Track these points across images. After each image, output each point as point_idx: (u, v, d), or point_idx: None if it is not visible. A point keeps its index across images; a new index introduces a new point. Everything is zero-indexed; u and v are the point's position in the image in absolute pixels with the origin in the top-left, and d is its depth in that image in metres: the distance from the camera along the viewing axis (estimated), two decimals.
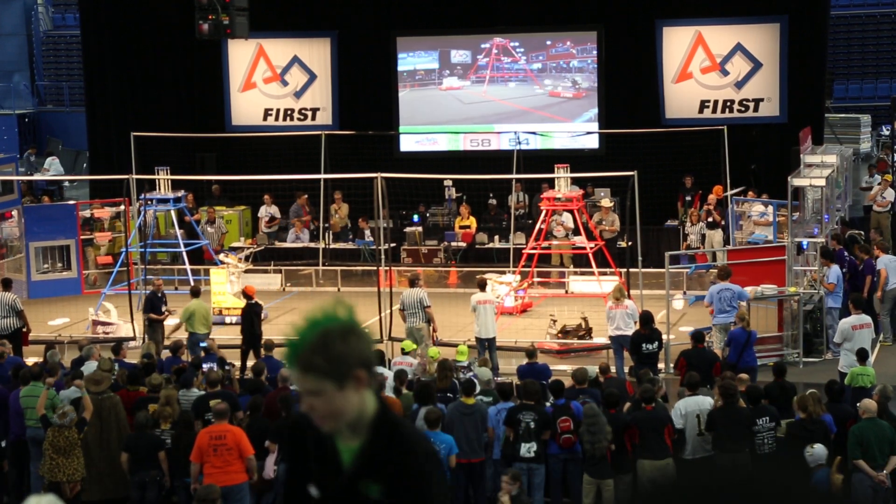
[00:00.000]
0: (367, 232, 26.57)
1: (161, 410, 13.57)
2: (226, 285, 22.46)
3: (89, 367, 15.69)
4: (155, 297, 20.11)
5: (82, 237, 25.07)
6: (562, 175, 22.07)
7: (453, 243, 26.68)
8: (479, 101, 29.00)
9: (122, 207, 24.90)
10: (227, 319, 22.38)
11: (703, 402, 13.72)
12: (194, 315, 19.28)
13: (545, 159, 25.58)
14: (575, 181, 24.03)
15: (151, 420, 13.60)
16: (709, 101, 27.74)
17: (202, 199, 28.00)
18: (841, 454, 12.99)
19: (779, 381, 14.64)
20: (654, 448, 13.26)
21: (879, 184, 26.86)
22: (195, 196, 27.30)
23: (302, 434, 3.75)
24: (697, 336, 16.34)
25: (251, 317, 19.22)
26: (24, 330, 19.59)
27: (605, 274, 22.14)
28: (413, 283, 19.36)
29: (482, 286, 19.04)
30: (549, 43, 28.61)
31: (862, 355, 15.57)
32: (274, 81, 29.86)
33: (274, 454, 13.47)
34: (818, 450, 12.49)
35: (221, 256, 23.49)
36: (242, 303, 22.47)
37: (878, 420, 12.96)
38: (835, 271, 19.44)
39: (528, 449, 13.42)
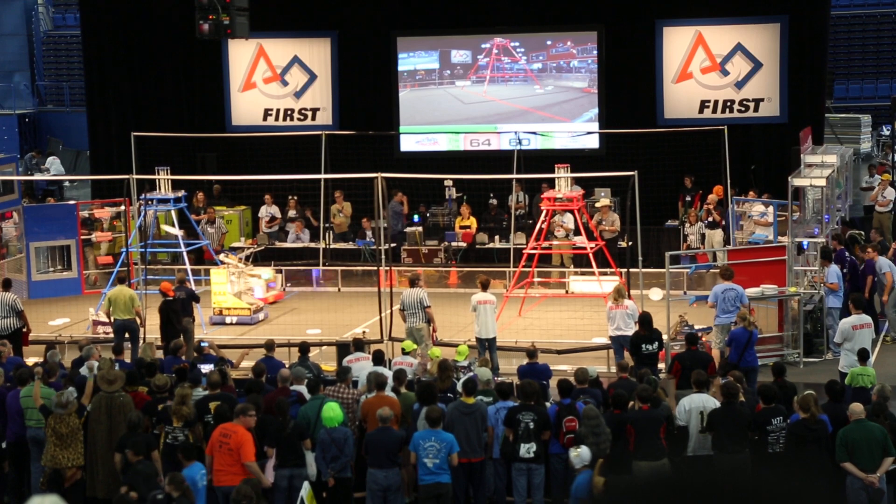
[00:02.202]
0: (369, 232, 26.58)
1: (178, 409, 13.61)
2: (226, 285, 22.47)
3: (89, 367, 15.69)
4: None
5: (82, 237, 25.07)
6: (562, 175, 22.07)
7: (454, 243, 26.68)
8: (479, 101, 29.01)
9: (123, 207, 24.91)
10: (228, 319, 22.42)
11: (708, 400, 13.72)
12: (114, 301, 19.57)
13: (545, 159, 25.59)
14: (578, 182, 24.05)
15: (143, 420, 13.65)
16: (709, 101, 27.75)
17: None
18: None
19: (778, 381, 14.62)
20: (651, 448, 13.23)
21: (879, 184, 26.88)
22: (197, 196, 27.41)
23: None
24: (691, 338, 16.30)
25: (168, 314, 19.28)
26: (25, 330, 19.57)
27: (605, 274, 22.13)
28: (413, 283, 19.35)
29: (484, 286, 19.02)
30: (549, 43, 28.61)
31: (862, 355, 15.56)
32: (274, 81, 29.87)
33: (272, 459, 13.44)
34: (583, 451, 12.50)
35: (222, 256, 23.51)
36: (243, 303, 22.58)
37: (867, 422, 12.94)
38: (833, 271, 19.44)
39: (527, 449, 13.41)
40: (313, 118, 29.67)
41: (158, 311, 19.42)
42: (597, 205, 25.79)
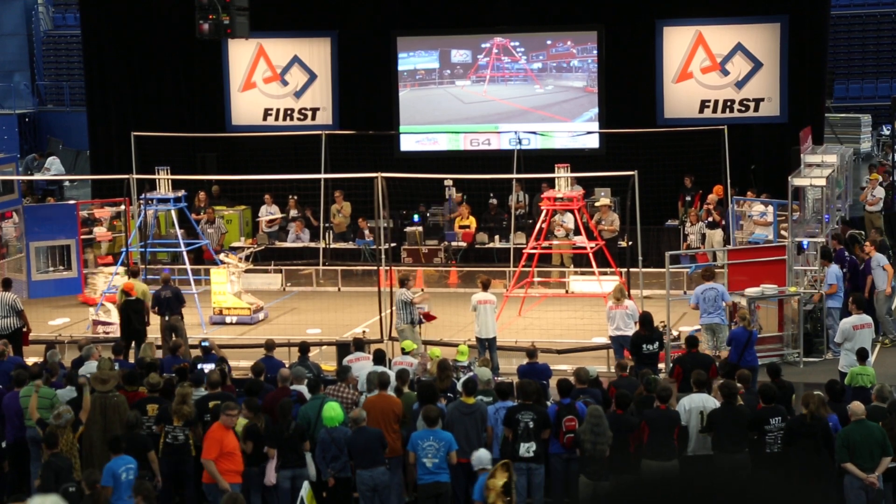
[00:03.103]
0: (367, 232, 26.58)
1: (179, 409, 13.60)
2: (226, 285, 22.47)
3: (89, 366, 15.68)
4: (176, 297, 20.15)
5: (82, 236, 25.05)
6: (562, 175, 22.07)
7: (453, 243, 26.68)
8: (479, 100, 29.00)
9: (123, 207, 24.91)
10: (228, 319, 22.42)
11: (708, 400, 13.72)
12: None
13: (545, 159, 25.58)
14: (578, 181, 24.04)
15: (142, 420, 13.64)
16: (709, 101, 27.74)
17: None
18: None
19: (776, 382, 14.62)
20: (663, 448, 13.19)
21: (868, 183, 26.90)
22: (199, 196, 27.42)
23: None
24: (691, 341, 16.26)
25: (128, 314, 19.31)
26: (25, 330, 19.57)
27: (605, 274, 22.13)
28: (402, 283, 19.28)
29: (485, 286, 19.01)
30: (549, 43, 28.61)
31: (862, 355, 15.56)
32: (274, 81, 29.86)
33: (273, 460, 13.42)
34: (481, 454, 12.49)
35: (222, 256, 23.51)
36: (243, 303, 22.57)
37: (867, 422, 12.95)
38: (832, 271, 19.43)
39: (527, 449, 13.40)
40: (313, 118, 29.66)
41: (118, 310, 19.43)
42: (597, 204, 25.79)
